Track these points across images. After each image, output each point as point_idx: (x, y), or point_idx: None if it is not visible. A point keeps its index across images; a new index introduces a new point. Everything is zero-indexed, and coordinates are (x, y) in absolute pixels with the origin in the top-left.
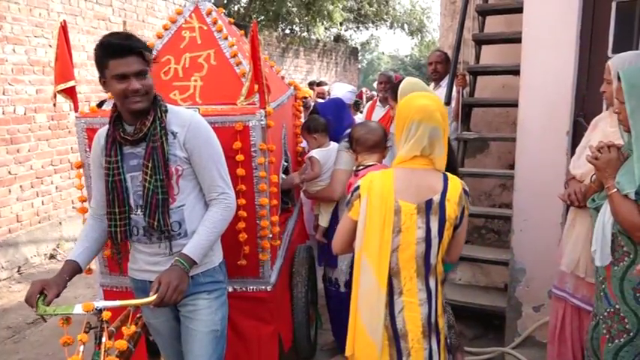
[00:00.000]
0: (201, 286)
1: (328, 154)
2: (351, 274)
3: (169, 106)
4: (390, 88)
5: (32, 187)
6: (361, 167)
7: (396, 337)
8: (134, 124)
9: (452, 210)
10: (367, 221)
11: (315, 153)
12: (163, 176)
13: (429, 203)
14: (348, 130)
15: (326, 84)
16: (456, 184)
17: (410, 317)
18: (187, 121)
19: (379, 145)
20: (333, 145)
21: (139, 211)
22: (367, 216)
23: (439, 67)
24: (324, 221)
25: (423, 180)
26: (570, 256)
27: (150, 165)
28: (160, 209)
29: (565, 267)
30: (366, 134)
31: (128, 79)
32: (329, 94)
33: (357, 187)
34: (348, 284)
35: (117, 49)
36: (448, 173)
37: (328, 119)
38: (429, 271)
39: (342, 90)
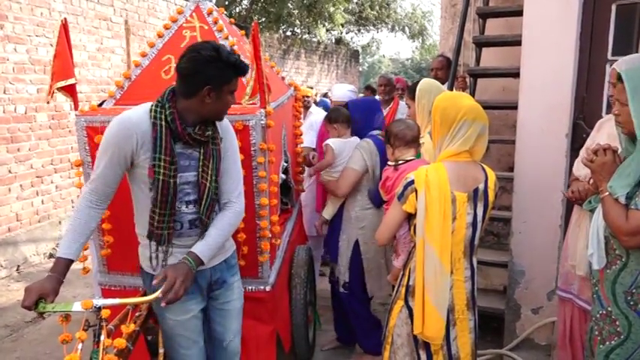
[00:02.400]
0: (233, 267)
1: (345, 145)
2: (350, 275)
3: None
4: (407, 88)
5: (32, 186)
6: (400, 162)
7: (447, 310)
8: (194, 126)
9: (492, 195)
10: (428, 212)
11: (330, 141)
12: (219, 177)
13: (475, 192)
14: (373, 132)
15: (311, 87)
16: (490, 172)
17: (457, 293)
18: (225, 126)
19: (416, 140)
20: (354, 139)
21: (184, 207)
22: (427, 207)
23: (440, 74)
24: (327, 213)
25: (468, 171)
26: (581, 258)
27: (210, 166)
28: (212, 208)
29: (582, 271)
30: (405, 129)
31: (234, 94)
32: (329, 96)
33: (412, 182)
34: (346, 287)
35: (243, 70)
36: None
37: (354, 117)
38: (472, 252)
39: (342, 90)
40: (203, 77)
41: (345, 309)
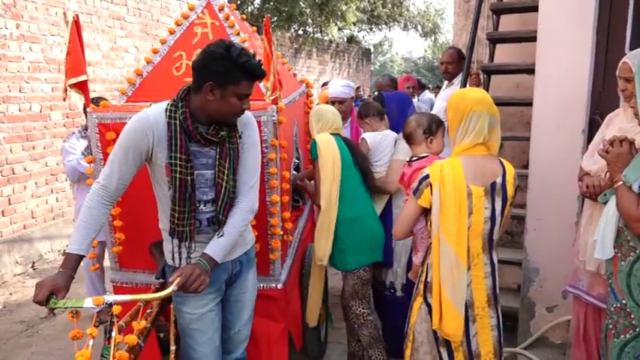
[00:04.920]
0: (252, 260)
1: (381, 139)
2: (407, 277)
3: None
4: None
5: (47, 183)
6: (415, 158)
7: (465, 306)
8: (207, 125)
9: (510, 189)
10: (443, 206)
11: (366, 135)
12: (235, 176)
13: (493, 185)
14: None
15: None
16: (509, 166)
17: (476, 289)
18: (247, 120)
19: (427, 132)
20: (390, 132)
21: (202, 206)
22: (442, 201)
23: (450, 68)
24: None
25: (485, 165)
26: (591, 253)
27: (227, 165)
28: (229, 206)
29: (591, 267)
30: (410, 127)
31: (246, 98)
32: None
33: (427, 176)
34: (405, 288)
35: (255, 75)
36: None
37: (392, 109)
38: (492, 247)
39: (335, 86)
40: (208, 72)
41: (397, 315)
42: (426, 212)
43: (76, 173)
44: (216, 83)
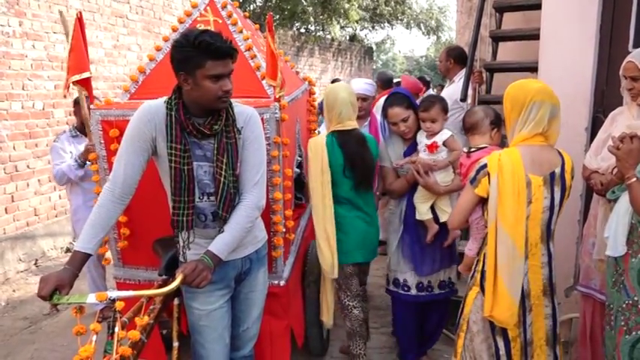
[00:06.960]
0: (263, 258)
1: None
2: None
3: (231, 101)
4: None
5: (50, 181)
6: (473, 149)
7: (522, 296)
8: (203, 118)
9: (569, 179)
10: (501, 195)
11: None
12: (236, 171)
13: (552, 175)
14: None
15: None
16: (568, 157)
17: (533, 279)
18: (248, 115)
19: (494, 123)
20: None
21: (205, 198)
22: (500, 190)
23: (440, 66)
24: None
25: (543, 155)
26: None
27: (225, 160)
28: (231, 203)
29: None
30: (465, 118)
31: (222, 79)
32: None
33: (484, 166)
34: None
35: (220, 52)
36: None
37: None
38: (549, 237)
39: (359, 83)
40: (177, 63)
41: (435, 313)
42: (482, 202)
43: (64, 178)
44: (185, 72)
